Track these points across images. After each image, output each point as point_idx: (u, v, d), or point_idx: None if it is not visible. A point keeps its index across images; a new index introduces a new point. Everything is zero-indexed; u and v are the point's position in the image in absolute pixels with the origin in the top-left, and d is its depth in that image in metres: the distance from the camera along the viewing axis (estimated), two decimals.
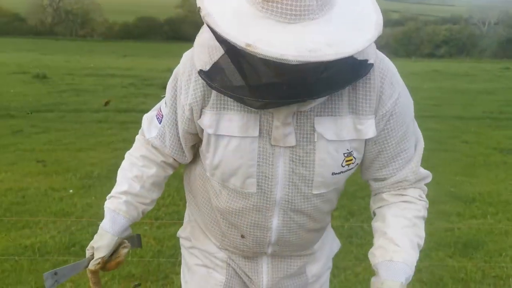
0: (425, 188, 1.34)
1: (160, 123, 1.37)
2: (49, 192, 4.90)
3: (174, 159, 1.41)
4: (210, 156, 1.27)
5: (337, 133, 1.19)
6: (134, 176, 1.39)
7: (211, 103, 1.22)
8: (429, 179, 1.34)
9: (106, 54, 27.52)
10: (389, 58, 1.24)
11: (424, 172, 1.33)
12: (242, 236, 1.36)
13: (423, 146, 1.32)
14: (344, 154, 1.22)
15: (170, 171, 1.45)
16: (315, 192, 1.26)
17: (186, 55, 1.28)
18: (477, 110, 11.03)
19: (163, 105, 1.36)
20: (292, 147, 1.20)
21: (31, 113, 9.05)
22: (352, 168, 1.25)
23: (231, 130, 1.21)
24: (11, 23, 38.20)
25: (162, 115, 1.36)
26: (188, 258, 1.52)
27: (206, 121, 1.23)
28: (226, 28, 0.99)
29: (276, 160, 1.22)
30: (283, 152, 1.21)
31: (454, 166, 6.37)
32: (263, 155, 1.22)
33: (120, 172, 1.42)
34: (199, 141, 1.32)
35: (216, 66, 1.13)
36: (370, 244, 1.27)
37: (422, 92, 13.23)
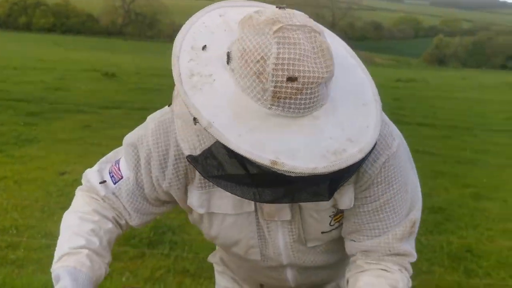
0: (409, 267, 1.14)
1: (115, 184, 1.16)
2: None
3: (126, 221, 1.20)
4: (205, 229, 1.19)
5: (315, 202, 1.07)
6: (90, 230, 1.12)
7: (197, 181, 1.10)
8: (411, 259, 1.14)
9: (171, 55, 28.22)
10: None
11: (407, 249, 1.12)
12: (261, 285, 1.34)
13: (419, 216, 1.13)
14: (329, 216, 1.12)
15: (119, 231, 1.21)
16: (309, 245, 1.18)
17: (158, 123, 1.10)
18: None
19: (122, 165, 1.15)
20: (288, 220, 1.12)
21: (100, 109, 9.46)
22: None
23: (224, 208, 1.11)
24: (84, 23, 40.15)
25: (121, 177, 1.15)
26: (220, 280, 1.48)
27: (195, 201, 1.12)
28: (237, 142, 0.83)
29: (275, 234, 1.15)
30: (280, 224, 1.13)
31: None
32: (262, 228, 1.15)
33: (66, 230, 1.13)
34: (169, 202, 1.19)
35: (208, 152, 0.95)
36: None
37: (492, 105, 12.67)
